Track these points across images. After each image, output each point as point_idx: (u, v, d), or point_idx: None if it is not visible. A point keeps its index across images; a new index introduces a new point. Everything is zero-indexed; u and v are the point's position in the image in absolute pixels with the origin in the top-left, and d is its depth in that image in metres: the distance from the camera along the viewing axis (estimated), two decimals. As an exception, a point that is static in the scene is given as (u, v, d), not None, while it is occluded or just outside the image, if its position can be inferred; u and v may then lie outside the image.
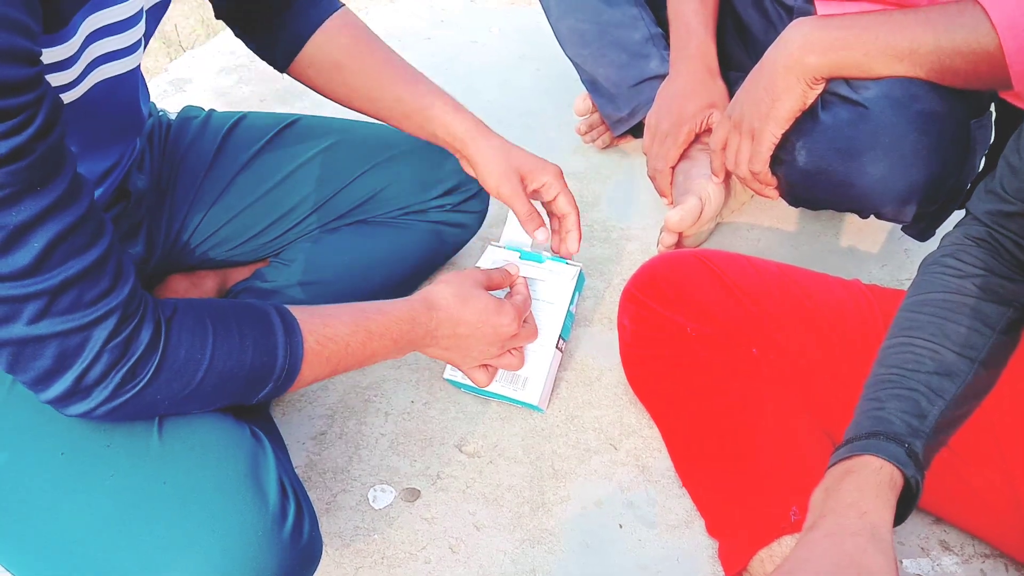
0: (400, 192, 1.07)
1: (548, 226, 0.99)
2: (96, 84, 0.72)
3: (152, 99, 1.62)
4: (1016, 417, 0.77)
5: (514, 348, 0.96)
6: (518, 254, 1.03)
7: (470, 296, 0.87)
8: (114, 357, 0.63)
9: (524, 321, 0.95)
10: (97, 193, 0.86)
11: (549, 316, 1.00)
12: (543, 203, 1.01)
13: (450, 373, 1.02)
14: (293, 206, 1.04)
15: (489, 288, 0.92)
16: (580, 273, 1.03)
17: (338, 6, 0.98)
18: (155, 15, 0.80)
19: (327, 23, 0.96)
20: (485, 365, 0.95)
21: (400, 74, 0.96)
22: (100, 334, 0.62)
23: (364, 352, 0.79)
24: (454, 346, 0.89)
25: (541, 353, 0.99)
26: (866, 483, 0.64)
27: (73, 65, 0.67)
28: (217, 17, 0.96)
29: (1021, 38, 0.84)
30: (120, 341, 0.62)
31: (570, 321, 1.03)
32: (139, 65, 0.78)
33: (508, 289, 0.99)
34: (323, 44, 0.95)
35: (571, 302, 1.01)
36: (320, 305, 0.78)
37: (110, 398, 0.64)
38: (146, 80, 1.74)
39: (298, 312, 0.75)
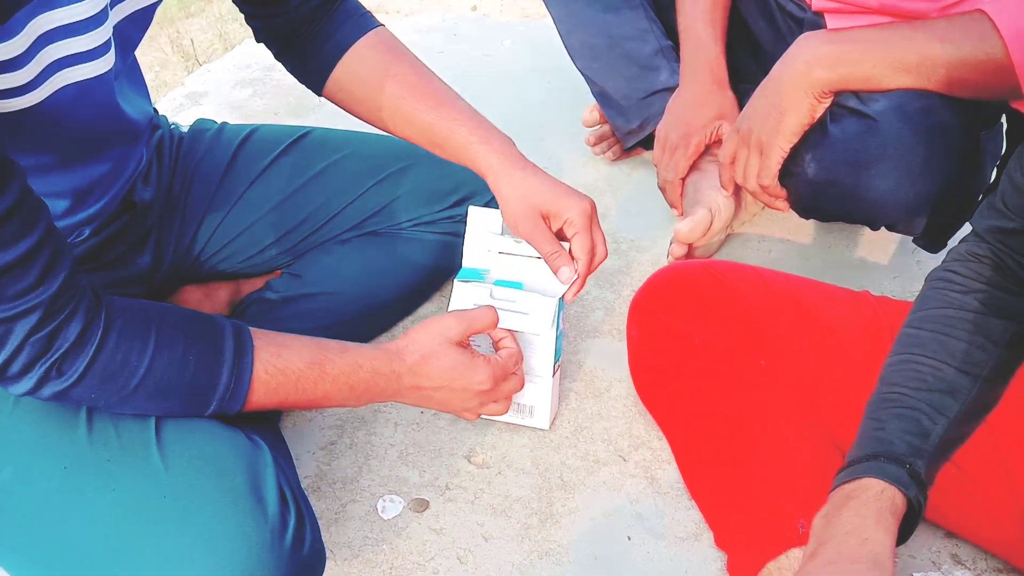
0: (410, 204, 1.08)
1: (571, 267, 0.90)
2: (61, 89, 0.70)
3: (168, 113, 1.64)
4: (1020, 432, 0.76)
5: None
6: (491, 288, 0.92)
7: (437, 354, 0.82)
8: (36, 351, 0.64)
9: (513, 373, 0.89)
10: (101, 203, 0.86)
11: (538, 348, 0.93)
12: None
13: None
14: (304, 218, 1.05)
15: (467, 335, 0.85)
16: (558, 306, 0.93)
17: (372, 26, 0.95)
18: (138, 23, 0.79)
19: (357, 45, 0.93)
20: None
21: (428, 100, 0.92)
22: (21, 328, 0.62)
23: (316, 391, 0.77)
24: (424, 400, 0.85)
25: (540, 384, 0.97)
26: (867, 509, 0.64)
27: (24, 66, 0.65)
28: (258, 41, 0.96)
29: (1029, 48, 0.84)
30: (43, 336, 0.63)
31: (560, 341, 0.97)
32: (112, 70, 0.75)
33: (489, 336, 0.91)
34: (352, 67, 0.93)
35: (556, 326, 0.94)
36: (285, 333, 0.77)
37: (37, 387, 0.66)
38: (161, 92, 1.76)
39: (257, 337, 0.74)
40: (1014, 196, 0.71)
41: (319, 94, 0.97)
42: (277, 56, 0.97)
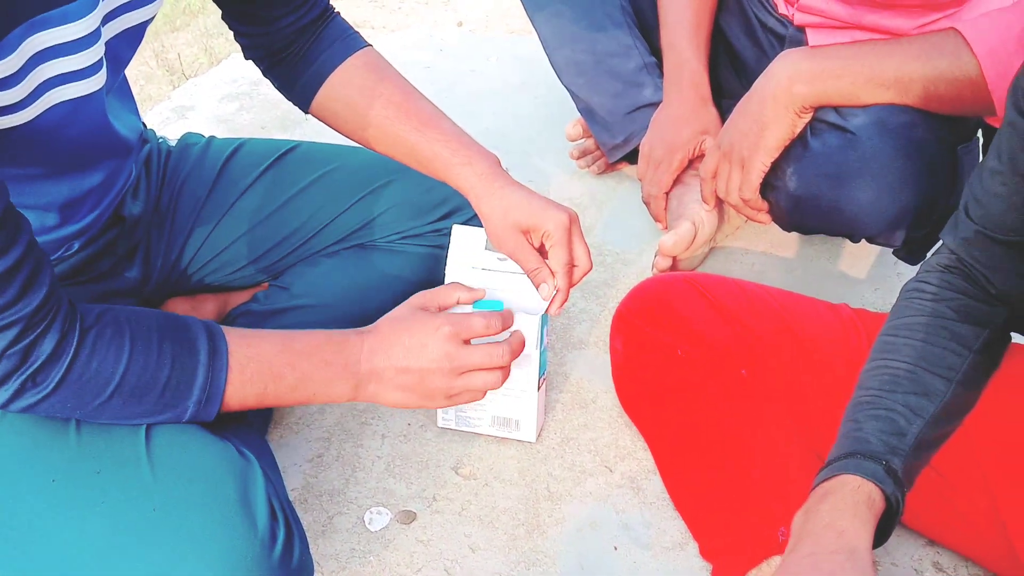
0: (397, 217, 1.09)
1: (551, 283, 0.89)
2: (53, 107, 0.71)
3: (155, 126, 1.64)
4: (997, 440, 0.78)
5: (476, 371, 0.84)
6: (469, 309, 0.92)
7: (397, 314, 0.83)
8: (12, 364, 0.65)
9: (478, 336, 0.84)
10: (91, 217, 0.86)
11: (523, 365, 0.94)
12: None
13: (443, 422, 1.03)
14: (292, 231, 1.06)
15: (430, 305, 0.86)
16: (542, 323, 0.94)
17: (360, 46, 0.96)
18: (129, 41, 0.79)
19: (344, 65, 0.94)
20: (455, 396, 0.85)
21: (411, 120, 0.92)
22: None
23: (293, 373, 0.77)
24: (402, 380, 0.81)
25: (525, 399, 0.98)
26: (843, 503, 0.65)
27: (17, 85, 0.66)
28: (247, 58, 0.97)
29: (1001, 65, 0.86)
30: (19, 349, 0.64)
31: (545, 355, 0.98)
32: (103, 88, 0.76)
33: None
34: (338, 86, 0.94)
35: (540, 342, 0.95)
36: (254, 329, 0.78)
37: (13, 399, 0.66)
38: (146, 105, 1.77)
39: (229, 334, 0.75)
40: (976, 207, 0.73)
41: (306, 112, 0.98)
42: (265, 73, 0.99)
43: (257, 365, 0.75)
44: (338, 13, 0.99)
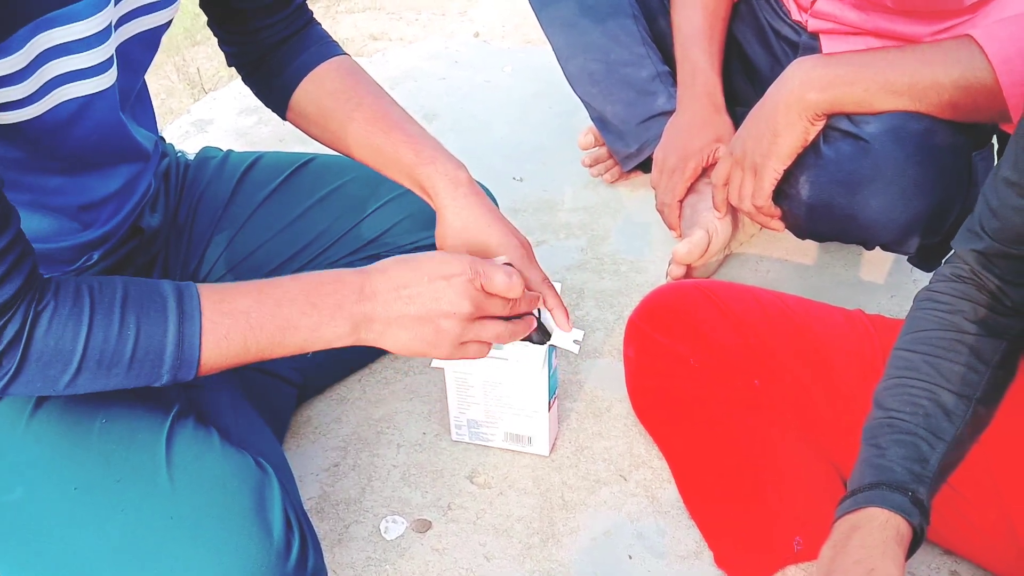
0: (413, 227, 1.09)
1: None
2: (62, 103, 0.71)
3: (175, 139, 1.67)
4: (1009, 453, 0.77)
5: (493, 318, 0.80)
6: None
7: (414, 256, 0.78)
8: None
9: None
10: (110, 225, 0.87)
11: (531, 390, 0.95)
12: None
13: (456, 436, 1.04)
14: (308, 242, 1.07)
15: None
16: (548, 351, 0.92)
17: (335, 53, 0.97)
18: (144, 44, 0.80)
19: (317, 69, 0.94)
20: (467, 343, 0.80)
21: (379, 123, 0.91)
22: None
23: (275, 322, 0.72)
24: (404, 312, 0.76)
25: (536, 418, 0.98)
26: (872, 539, 0.64)
27: (25, 80, 0.67)
28: (229, 65, 0.98)
29: (1016, 72, 0.86)
30: None
31: (555, 377, 0.98)
32: (113, 86, 0.76)
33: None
34: (310, 90, 0.94)
35: (548, 370, 0.94)
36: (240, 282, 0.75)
37: None
38: (167, 119, 1.79)
39: (202, 292, 0.72)
40: (991, 219, 0.72)
41: (283, 118, 0.99)
42: (245, 80, 0.99)
43: (232, 320, 0.71)
44: (318, 23, 0.99)
